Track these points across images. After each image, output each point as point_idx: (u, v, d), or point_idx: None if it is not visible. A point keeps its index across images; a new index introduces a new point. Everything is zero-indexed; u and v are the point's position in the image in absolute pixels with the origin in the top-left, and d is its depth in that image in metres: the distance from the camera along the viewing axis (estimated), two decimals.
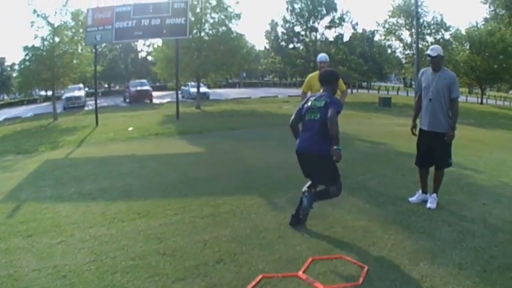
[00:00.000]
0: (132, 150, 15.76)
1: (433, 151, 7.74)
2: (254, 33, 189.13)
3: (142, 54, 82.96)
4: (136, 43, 77.09)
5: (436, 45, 8.24)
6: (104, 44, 63.42)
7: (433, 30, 54.96)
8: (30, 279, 5.69)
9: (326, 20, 60.22)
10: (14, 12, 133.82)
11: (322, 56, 10.18)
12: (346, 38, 63.99)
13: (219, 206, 8.03)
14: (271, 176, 10.39)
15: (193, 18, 33.90)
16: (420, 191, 8.10)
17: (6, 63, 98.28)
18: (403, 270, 5.27)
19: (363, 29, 77.76)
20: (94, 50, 30.93)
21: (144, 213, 7.89)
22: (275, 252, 5.77)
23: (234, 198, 8.45)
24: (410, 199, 8.06)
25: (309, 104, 6.50)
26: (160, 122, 25.78)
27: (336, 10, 60.06)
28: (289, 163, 11.31)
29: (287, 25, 60.65)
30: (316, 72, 9.81)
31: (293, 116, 6.73)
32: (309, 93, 10.29)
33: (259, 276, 5.03)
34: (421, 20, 51.66)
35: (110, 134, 21.39)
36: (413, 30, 50.80)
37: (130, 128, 23.03)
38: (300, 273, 5.09)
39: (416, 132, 8.06)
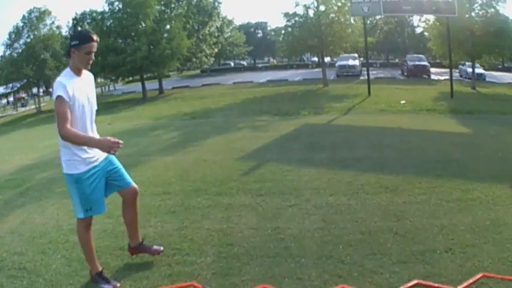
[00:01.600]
0: (399, 124, 15.61)
1: None
2: None
3: (418, 30, 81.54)
4: (411, 18, 76.05)
5: None
6: (378, 17, 63.54)
7: None
8: (243, 237, 5.94)
9: None
10: None
11: None
12: None
13: (469, 191, 7.49)
14: None
15: None
16: None
17: (269, 28, 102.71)
18: None
19: None
20: (363, 21, 31.01)
21: (391, 188, 7.76)
22: (505, 250, 5.17)
23: (485, 185, 7.77)
24: None
25: None
26: (433, 99, 25.03)
27: None
28: None
29: None
30: None
31: None
32: None
33: (480, 275, 4.56)
34: None
35: (380, 105, 21.58)
36: None
37: (403, 102, 22.81)
38: None
39: None
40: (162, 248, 5.58)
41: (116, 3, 41.12)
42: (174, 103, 32.70)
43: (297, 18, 36.23)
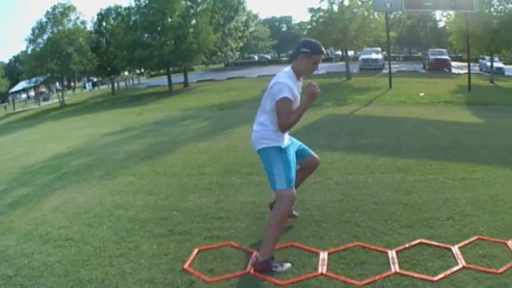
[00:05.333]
0: (417, 114, 15.99)
1: None
2: None
3: (440, 24, 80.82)
4: (433, 12, 75.37)
5: None
6: (400, 11, 63.72)
7: None
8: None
9: None
10: None
11: None
12: None
13: (473, 172, 7.98)
14: None
15: None
16: None
17: (293, 22, 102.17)
18: None
19: None
20: (386, 16, 30.91)
21: (404, 169, 8.31)
22: (500, 220, 5.67)
23: (489, 167, 8.27)
24: None
25: None
26: (452, 91, 25.36)
27: None
28: None
29: None
30: None
31: None
32: None
33: (475, 237, 5.14)
34: None
35: (400, 97, 22.01)
36: None
37: (422, 94, 23.18)
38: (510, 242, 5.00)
39: None
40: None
41: None
42: (201, 95, 33.47)
43: (321, 13, 36.55)
